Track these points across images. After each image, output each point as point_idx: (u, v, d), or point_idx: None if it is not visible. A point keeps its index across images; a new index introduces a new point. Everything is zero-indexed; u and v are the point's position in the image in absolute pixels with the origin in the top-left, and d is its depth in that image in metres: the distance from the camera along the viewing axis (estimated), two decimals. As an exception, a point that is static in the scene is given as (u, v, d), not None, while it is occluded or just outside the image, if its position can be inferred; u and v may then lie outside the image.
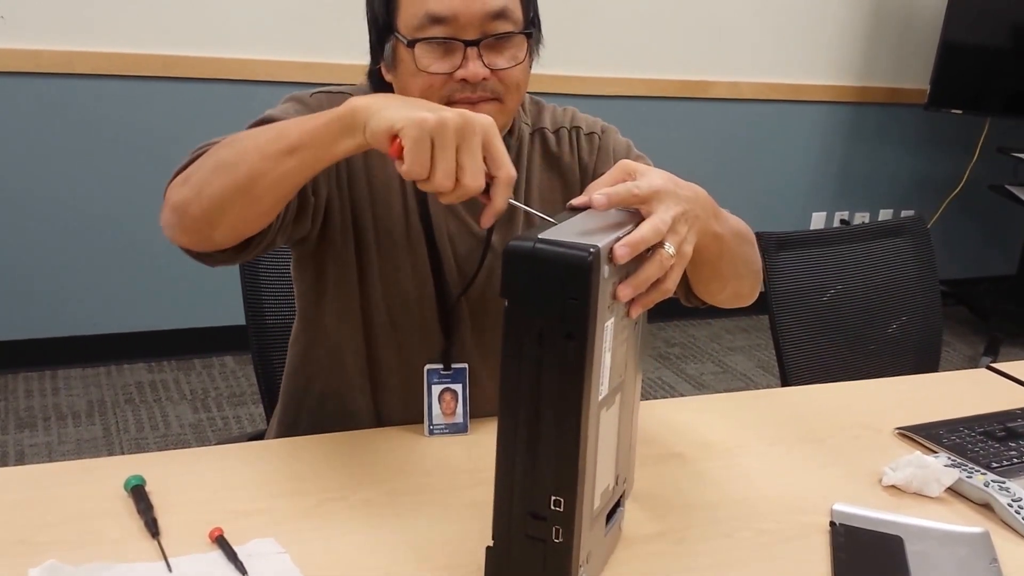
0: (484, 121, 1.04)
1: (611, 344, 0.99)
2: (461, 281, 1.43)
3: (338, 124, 1.08)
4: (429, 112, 1.02)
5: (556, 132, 1.52)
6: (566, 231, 0.97)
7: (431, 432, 1.40)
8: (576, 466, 0.96)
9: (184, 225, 1.20)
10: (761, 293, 2.01)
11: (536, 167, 1.49)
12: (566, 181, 1.51)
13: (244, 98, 3.46)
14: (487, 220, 1.08)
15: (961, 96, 4.33)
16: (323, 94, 1.39)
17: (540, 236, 0.94)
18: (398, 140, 1.03)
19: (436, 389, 1.41)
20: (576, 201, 1.08)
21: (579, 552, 0.99)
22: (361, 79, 1.45)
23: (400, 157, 1.03)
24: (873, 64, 4.51)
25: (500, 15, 1.29)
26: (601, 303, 0.94)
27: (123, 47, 3.31)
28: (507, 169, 1.05)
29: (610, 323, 0.98)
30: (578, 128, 1.53)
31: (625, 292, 1.00)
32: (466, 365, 1.43)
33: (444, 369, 1.43)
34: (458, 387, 1.42)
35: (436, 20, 1.27)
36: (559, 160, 1.50)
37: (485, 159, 1.05)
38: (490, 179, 1.06)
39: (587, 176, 1.50)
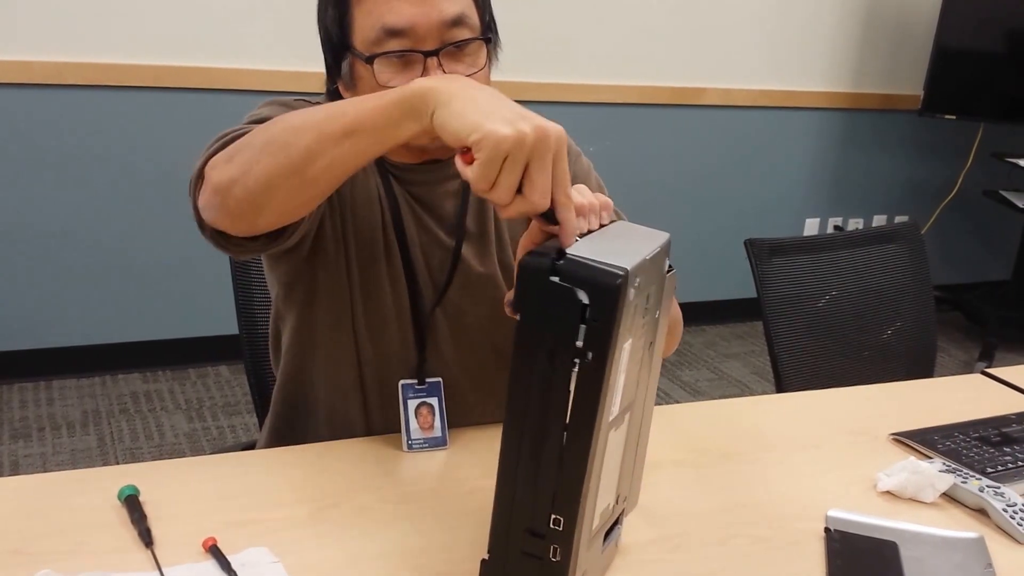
0: (559, 134, 0.96)
1: (626, 365, 0.97)
2: (436, 294, 1.43)
3: (402, 107, 1.01)
4: (505, 125, 0.93)
5: None
6: (591, 247, 0.93)
7: (410, 447, 1.38)
8: (580, 486, 0.94)
9: (227, 206, 1.12)
10: (755, 299, 2.03)
11: None
12: None
13: (235, 108, 3.42)
14: (569, 241, 0.97)
15: (955, 101, 4.33)
16: (302, 101, 1.37)
17: (566, 252, 0.91)
18: (470, 149, 0.95)
19: (412, 403, 1.40)
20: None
21: (576, 572, 0.98)
22: None
23: (469, 162, 0.96)
24: (866, 70, 4.52)
25: (457, 22, 1.28)
26: (623, 324, 0.91)
27: (114, 58, 3.30)
28: (567, 189, 0.98)
29: (628, 344, 0.95)
30: None
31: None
32: (440, 379, 1.42)
33: (419, 383, 1.42)
34: (434, 401, 1.41)
35: (393, 33, 1.26)
36: None
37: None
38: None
39: None
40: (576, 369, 0.91)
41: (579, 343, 0.90)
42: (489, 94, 0.99)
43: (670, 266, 1.07)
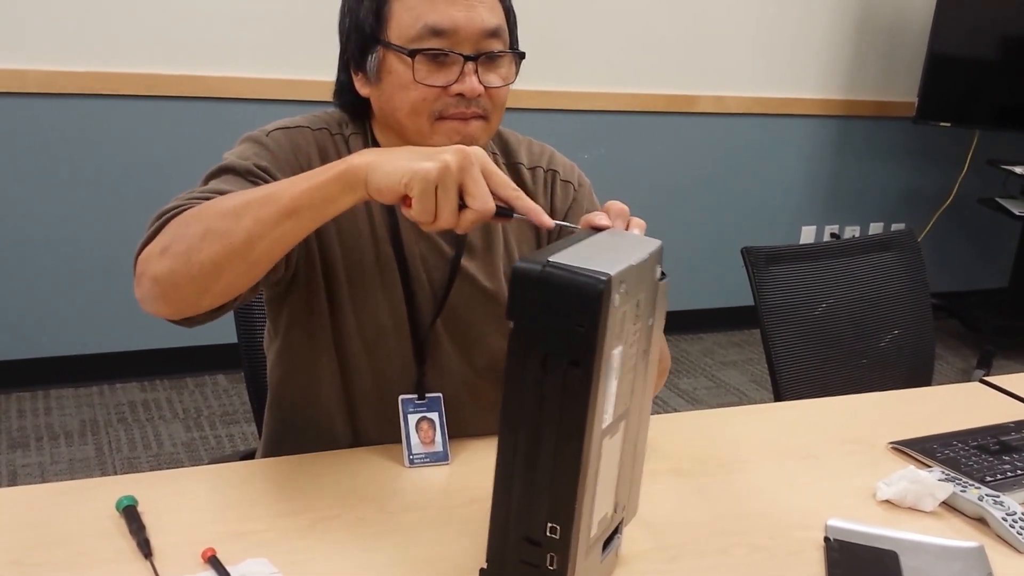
0: (476, 150, 1.06)
1: (618, 372, 0.97)
2: (437, 306, 1.43)
3: (338, 183, 1.08)
4: (428, 161, 1.03)
5: (532, 170, 1.51)
6: (578, 254, 0.95)
7: (411, 462, 1.38)
8: (574, 493, 0.94)
9: (168, 296, 1.16)
10: (752, 307, 2.03)
11: None
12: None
13: (228, 116, 3.46)
14: (546, 220, 1.09)
15: (950, 109, 4.34)
16: (280, 132, 1.38)
17: (550, 259, 0.92)
18: (406, 193, 1.04)
19: (412, 419, 1.40)
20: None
21: None
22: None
23: (408, 206, 1.05)
24: (861, 77, 4.53)
25: (495, 34, 1.31)
26: (610, 331, 0.92)
27: (107, 66, 3.30)
28: (510, 185, 1.08)
29: (618, 351, 0.96)
30: (555, 171, 1.53)
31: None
32: (440, 395, 1.42)
33: (419, 398, 1.41)
34: (434, 415, 1.41)
35: (436, 32, 1.28)
36: (533, 198, 1.50)
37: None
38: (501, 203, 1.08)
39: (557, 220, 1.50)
40: (567, 375, 0.92)
41: (569, 349, 0.91)
42: (407, 150, 1.08)
43: (663, 273, 1.07)
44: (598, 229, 1.09)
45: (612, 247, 1.02)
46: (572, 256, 0.94)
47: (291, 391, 1.47)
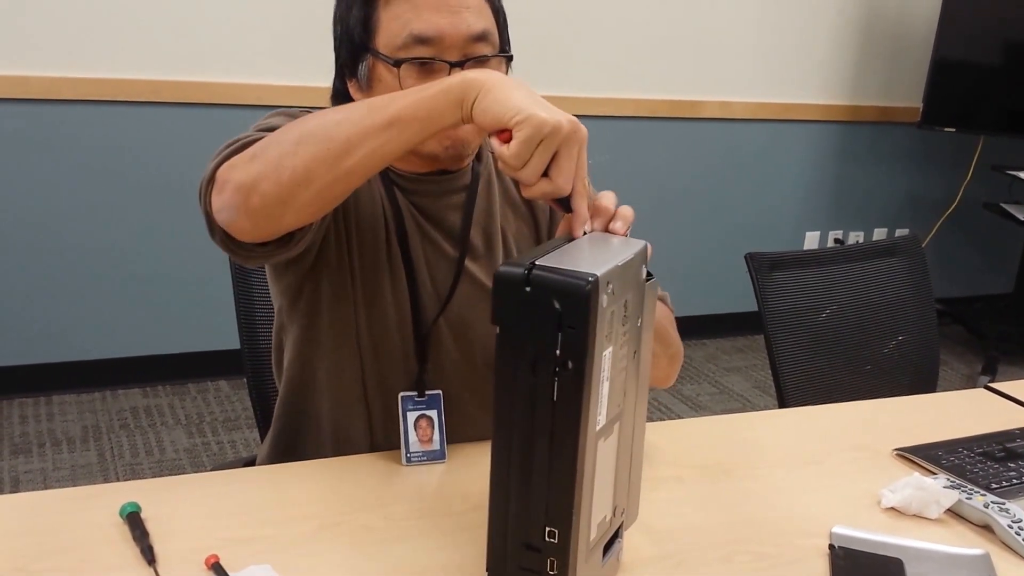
0: (586, 131, 1.05)
1: (609, 373, 0.97)
2: (440, 305, 1.43)
3: (448, 96, 1.06)
4: (544, 112, 1.01)
5: None
6: (563, 257, 0.95)
7: (408, 460, 1.38)
8: (571, 497, 0.94)
9: (251, 204, 1.12)
10: (756, 312, 2.02)
11: (507, 201, 1.51)
12: (536, 221, 1.53)
13: (232, 122, 3.44)
14: (578, 231, 1.08)
15: (954, 114, 4.34)
16: (296, 109, 1.37)
17: (535, 262, 0.92)
18: (508, 130, 1.02)
19: (411, 416, 1.40)
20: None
21: None
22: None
23: (505, 140, 1.03)
24: (865, 83, 4.53)
25: (482, 38, 1.31)
26: (600, 332, 0.92)
27: (110, 73, 3.31)
28: (585, 180, 1.07)
29: (608, 352, 0.96)
30: None
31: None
32: (440, 392, 1.42)
33: (418, 396, 1.41)
34: (433, 413, 1.41)
35: (421, 40, 1.28)
36: (530, 201, 1.50)
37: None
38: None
39: (555, 222, 1.51)
40: (557, 378, 0.92)
41: (558, 351, 0.91)
42: (527, 89, 1.05)
43: (649, 274, 1.07)
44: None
45: (596, 249, 1.03)
46: (557, 258, 0.94)
47: (309, 385, 1.46)
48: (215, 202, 1.16)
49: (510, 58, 1.37)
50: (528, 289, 0.91)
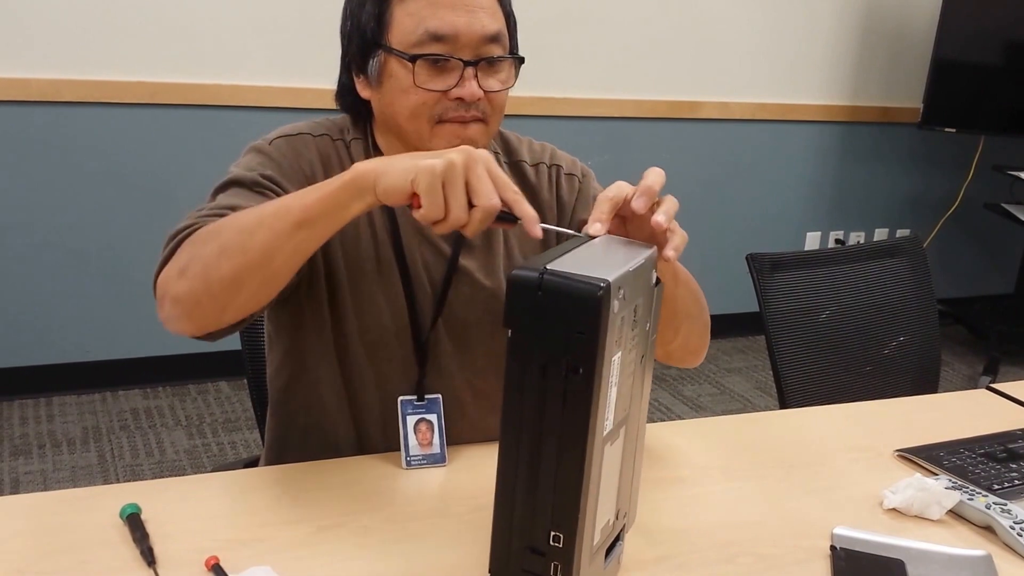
0: (482, 151, 1.07)
1: (618, 378, 0.97)
2: (437, 307, 1.43)
3: (348, 190, 1.10)
4: (431, 159, 1.05)
5: (535, 167, 1.52)
6: (576, 261, 0.95)
7: (408, 464, 1.38)
8: (577, 501, 0.94)
9: (191, 314, 1.19)
10: (757, 313, 2.02)
11: None
12: (543, 216, 1.51)
13: (231, 124, 3.46)
14: (534, 229, 1.08)
15: (955, 114, 4.34)
16: (282, 140, 1.39)
17: (548, 267, 0.92)
18: (415, 194, 1.06)
19: (411, 420, 1.40)
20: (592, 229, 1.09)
21: None
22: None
23: (418, 206, 1.06)
24: (865, 83, 4.53)
25: (495, 39, 1.32)
26: (610, 337, 0.92)
27: (110, 75, 3.31)
28: (512, 188, 1.08)
29: (617, 357, 0.96)
30: (558, 166, 1.54)
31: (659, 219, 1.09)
32: (439, 396, 1.42)
33: (418, 400, 1.41)
34: (433, 417, 1.41)
35: (436, 38, 1.29)
36: (537, 194, 1.50)
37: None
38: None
39: (565, 214, 1.51)
40: (567, 382, 0.91)
41: (568, 356, 0.91)
42: (409, 155, 1.10)
43: (657, 279, 1.07)
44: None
45: (608, 253, 1.03)
46: (569, 263, 0.94)
47: (294, 396, 1.47)
48: (161, 315, 1.23)
49: (521, 60, 1.38)
50: (540, 293, 0.91)
